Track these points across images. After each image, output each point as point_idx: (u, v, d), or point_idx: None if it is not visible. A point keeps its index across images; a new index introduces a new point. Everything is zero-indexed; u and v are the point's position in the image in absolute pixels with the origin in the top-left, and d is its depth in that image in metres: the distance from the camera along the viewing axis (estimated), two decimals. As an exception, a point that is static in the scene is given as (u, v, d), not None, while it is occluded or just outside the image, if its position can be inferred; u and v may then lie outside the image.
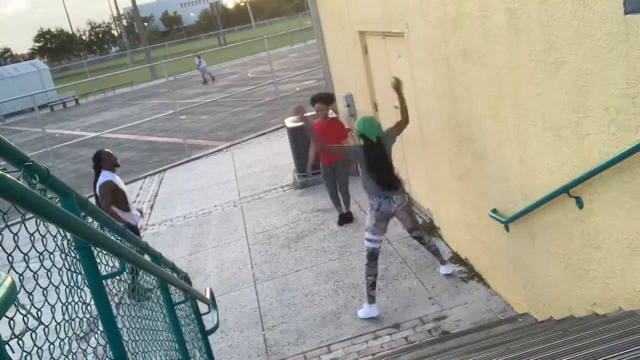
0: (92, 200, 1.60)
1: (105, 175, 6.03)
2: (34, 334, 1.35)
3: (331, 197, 7.34)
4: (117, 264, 1.95)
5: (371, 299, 5.06)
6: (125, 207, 6.13)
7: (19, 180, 1.28)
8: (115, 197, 6.02)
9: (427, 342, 4.39)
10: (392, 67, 6.58)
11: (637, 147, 2.53)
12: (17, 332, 1.24)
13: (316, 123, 6.77)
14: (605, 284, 3.14)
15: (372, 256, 5.07)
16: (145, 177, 12.11)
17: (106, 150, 6.24)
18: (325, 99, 6.87)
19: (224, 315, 5.62)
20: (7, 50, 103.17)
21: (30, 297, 1.42)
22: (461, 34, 4.24)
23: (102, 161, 6.07)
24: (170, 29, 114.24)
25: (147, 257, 2.74)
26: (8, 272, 1.10)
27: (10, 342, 1.15)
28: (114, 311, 1.86)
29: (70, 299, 1.69)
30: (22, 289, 1.33)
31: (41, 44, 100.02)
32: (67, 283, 1.69)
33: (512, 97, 3.65)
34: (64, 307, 1.65)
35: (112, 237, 1.99)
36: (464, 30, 4.18)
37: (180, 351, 3.02)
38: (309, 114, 6.27)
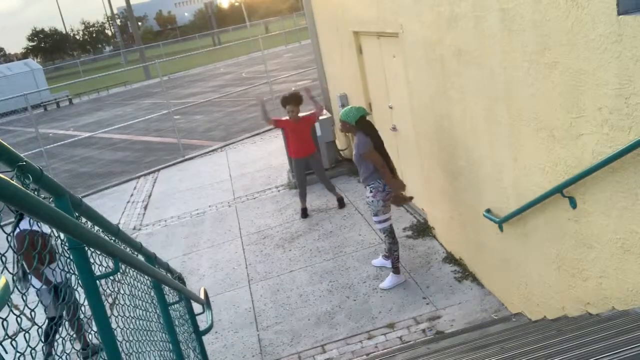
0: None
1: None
2: (27, 335, 1.34)
3: (301, 192, 7.68)
4: (111, 264, 1.95)
5: (397, 270, 5.48)
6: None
7: (12, 180, 1.27)
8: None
9: (421, 341, 4.39)
10: (386, 67, 6.59)
11: (630, 147, 2.55)
12: (10, 332, 1.24)
13: (287, 121, 7.44)
14: (599, 284, 3.15)
15: (392, 233, 5.44)
16: (139, 177, 12.07)
17: None
18: (296, 101, 7.31)
19: (218, 315, 5.62)
20: (0, 49, 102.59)
21: (24, 298, 1.41)
22: (455, 34, 4.25)
23: None
24: (165, 29, 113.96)
25: (141, 258, 2.73)
26: (1, 273, 1.09)
27: (3, 343, 1.15)
28: (108, 311, 1.86)
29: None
30: (16, 289, 1.32)
31: (34, 43, 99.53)
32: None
33: (506, 97, 3.67)
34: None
35: (106, 238, 1.99)
36: (458, 30, 4.20)
37: (174, 351, 3.01)
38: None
